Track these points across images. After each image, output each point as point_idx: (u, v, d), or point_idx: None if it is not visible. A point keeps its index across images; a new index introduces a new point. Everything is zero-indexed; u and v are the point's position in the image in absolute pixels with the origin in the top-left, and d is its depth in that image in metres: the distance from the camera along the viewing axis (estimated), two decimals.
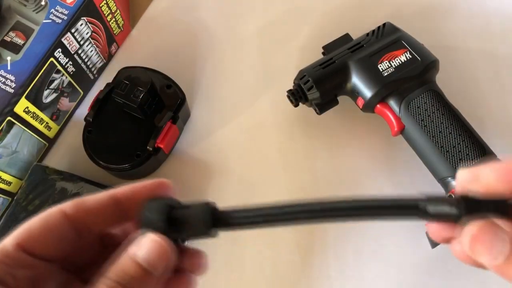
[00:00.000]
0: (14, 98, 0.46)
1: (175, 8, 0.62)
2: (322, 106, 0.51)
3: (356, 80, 0.49)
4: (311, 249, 0.49)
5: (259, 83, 0.57)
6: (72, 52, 0.52)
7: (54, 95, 0.51)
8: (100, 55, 0.57)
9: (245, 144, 0.54)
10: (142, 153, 0.49)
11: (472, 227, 0.22)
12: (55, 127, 0.54)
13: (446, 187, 0.46)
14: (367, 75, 0.48)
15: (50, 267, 0.24)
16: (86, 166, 0.51)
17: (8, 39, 0.49)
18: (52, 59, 0.49)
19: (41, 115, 0.51)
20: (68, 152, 0.55)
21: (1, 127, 0.46)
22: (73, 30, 0.50)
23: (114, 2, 0.56)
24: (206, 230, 0.24)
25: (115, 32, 0.58)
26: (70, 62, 0.52)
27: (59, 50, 0.50)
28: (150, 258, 0.23)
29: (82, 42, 0.52)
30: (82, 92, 0.56)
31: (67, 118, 0.56)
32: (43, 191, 0.49)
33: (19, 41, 0.49)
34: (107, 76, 0.58)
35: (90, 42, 0.54)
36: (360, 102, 0.49)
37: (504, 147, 0.49)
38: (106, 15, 0.55)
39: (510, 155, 0.47)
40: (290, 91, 0.52)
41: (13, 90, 0.46)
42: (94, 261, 0.26)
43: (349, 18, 0.59)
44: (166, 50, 0.59)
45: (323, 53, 0.53)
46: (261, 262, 0.49)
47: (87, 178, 0.50)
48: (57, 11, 0.50)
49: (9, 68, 0.47)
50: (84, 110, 0.55)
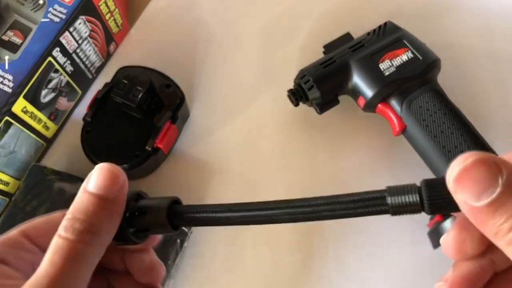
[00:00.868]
0: (12, 98, 0.46)
1: (174, 7, 0.62)
2: (323, 106, 0.51)
3: (357, 80, 0.49)
4: (311, 249, 0.49)
5: (259, 82, 0.57)
6: (70, 51, 0.51)
7: (52, 94, 0.51)
8: (99, 54, 0.56)
9: (245, 144, 0.54)
10: (141, 153, 0.49)
11: (467, 158, 0.18)
12: (53, 127, 0.54)
13: None
14: (368, 74, 0.48)
15: None
16: (85, 166, 0.50)
17: (6, 38, 0.48)
18: (50, 58, 0.49)
19: (39, 114, 0.50)
20: (67, 152, 0.54)
21: None
22: (71, 29, 0.50)
23: (113, 1, 0.55)
24: (162, 221, 0.24)
25: (113, 31, 0.57)
26: (68, 62, 0.52)
27: (57, 49, 0.49)
28: (100, 183, 0.22)
29: (80, 41, 0.52)
30: (81, 92, 0.56)
31: (66, 118, 0.55)
32: (41, 192, 0.48)
33: (17, 40, 0.48)
34: (106, 76, 0.58)
35: (89, 41, 0.53)
36: (361, 101, 0.49)
37: (507, 147, 0.48)
38: (104, 14, 0.54)
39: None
40: (290, 91, 0.51)
41: (11, 90, 0.46)
42: None
43: (350, 17, 0.59)
44: (165, 50, 0.59)
45: (324, 52, 0.53)
46: (261, 262, 0.49)
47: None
48: (55, 10, 0.49)
49: (6, 67, 0.47)
50: (82, 109, 0.54)
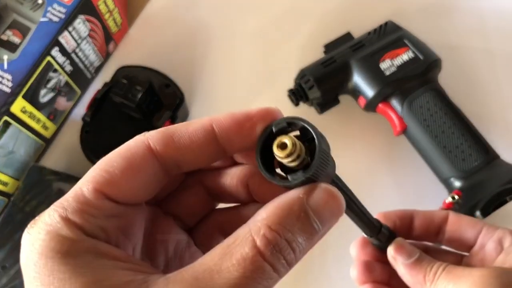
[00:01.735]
0: (11, 98, 0.46)
1: (173, 7, 0.62)
2: (323, 106, 0.51)
3: (358, 79, 0.48)
4: (311, 249, 0.49)
5: (259, 82, 0.57)
6: (70, 51, 0.51)
7: (51, 94, 0.51)
8: (98, 54, 0.56)
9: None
10: None
11: (395, 243, 0.33)
12: (52, 127, 0.53)
13: (449, 187, 0.45)
14: (368, 74, 0.48)
15: (136, 210, 0.22)
16: (84, 166, 0.50)
17: (5, 38, 0.48)
18: (49, 58, 0.48)
19: (38, 114, 0.50)
20: (65, 152, 0.54)
21: None
22: (70, 29, 0.50)
23: (112, 1, 0.55)
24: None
25: (113, 30, 0.57)
26: (68, 61, 0.51)
27: (56, 48, 0.49)
28: (331, 218, 0.19)
29: (79, 41, 0.52)
30: (80, 92, 0.56)
31: (65, 118, 0.55)
32: (40, 192, 0.48)
33: (16, 39, 0.48)
34: (105, 75, 0.57)
35: (88, 41, 0.53)
36: (362, 101, 0.49)
37: (507, 147, 0.48)
38: (103, 13, 0.54)
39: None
40: (290, 91, 0.51)
41: (9, 90, 0.46)
42: (174, 192, 0.24)
43: (350, 17, 0.59)
44: (164, 49, 0.59)
45: (324, 52, 0.53)
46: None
47: None
48: (54, 9, 0.49)
49: (5, 67, 0.46)
50: (81, 109, 0.54)
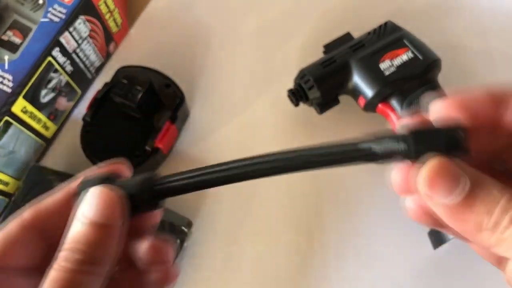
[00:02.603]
0: (12, 98, 0.46)
1: (174, 7, 0.62)
2: (323, 106, 0.51)
3: (357, 80, 0.48)
4: (311, 249, 0.49)
5: (259, 82, 0.57)
6: (70, 51, 0.51)
7: (52, 94, 0.51)
8: (98, 54, 0.56)
9: (244, 144, 0.54)
10: (140, 153, 0.49)
11: (431, 163, 0.20)
12: (52, 127, 0.53)
13: None
14: (368, 74, 0.48)
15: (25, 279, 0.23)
16: (84, 166, 0.50)
17: (6, 38, 0.48)
18: (49, 58, 0.49)
19: (38, 114, 0.50)
20: (66, 152, 0.54)
21: None
22: (71, 29, 0.50)
23: (113, 1, 0.55)
24: (141, 192, 0.23)
25: (113, 31, 0.57)
26: (68, 61, 0.51)
27: (57, 49, 0.49)
28: (100, 211, 0.20)
29: (80, 41, 0.52)
30: (80, 92, 0.56)
31: (65, 118, 0.55)
32: (40, 192, 0.47)
33: (17, 40, 0.48)
34: (105, 76, 0.57)
35: (88, 41, 0.53)
36: (362, 101, 0.49)
37: None
38: (104, 13, 0.54)
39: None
40: (290, 91, 0.51)
41: (10, 90, 0.46)
42: None
43: (350, 17, 0.59)
44: (165, 49, 0.59)
45: (324, 52, 0.53)
46: (261, 262, 0.49)
47: None
48: (54, 9, 0.49)
49: (6, 67, 0.47)
50: (82, 109, 0.54)
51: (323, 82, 0.49)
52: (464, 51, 0.56)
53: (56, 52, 0.49)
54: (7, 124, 0.46)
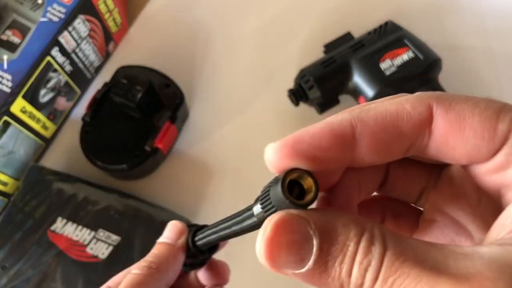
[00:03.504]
0: (11, 98, 0.46)
1: (173, 6, 0.62)
2: (323, 106, 0.51)
3: (358, 79, 0.48)
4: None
5: (259, 82, 0.57)
6: (69, 51, 0.51)
7: (51, 94, 0.51)
8: (98, 54, 0.56)
9: (244, 144, 0.54)
10: (140, 153, 0.49)
11: (265, 232, 0.16)
12: (52, 127, 0.53)
13: None
14: (369, 74, 0.48)
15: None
16: (84, 166, 0.50)
17: (5, 38, 0.48)
18: (49, 58, 0.48)
19: (38, 114, 0.50)
20: (65, 152, 0.54)
21: None
22: (70, 29, 0.50)
23: (112, 0, 0.55)
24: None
25: (113, 30, 0.57)
26: (67, 61, 0.51)
27: (56, 48, 0.49)
28: (168, 234, 0.29)
29: (79, 41, 0.52)
30: (80, 92, 0.56)
31: (64, 118, 0.55)
32: (39, 192, 0.48)
33: (16, 39, 0.48)
34: (105, 75, 0.57)
35: (88, 41, 0.53)
36: (362, 101, 0.49)
37: None
38: (103, 13, 0.54)
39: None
40: (290, 91, 0.51)
41: (9, 90, 0.46)
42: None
43: (350, 17, 0.59)
44: (164, 49, 0.59)
45: (324, 51, 0.52)
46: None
47: (84, 179, 0.50)
48: (54, 9, 0.49)
49: (5, 67, 0.46)
50: (81, 109, 0.54)
51: (323, 82, 0.49)
52: (464, 51, 0.56)
53: (55, 51, 0.49)
54: (6, 124, 0.46)
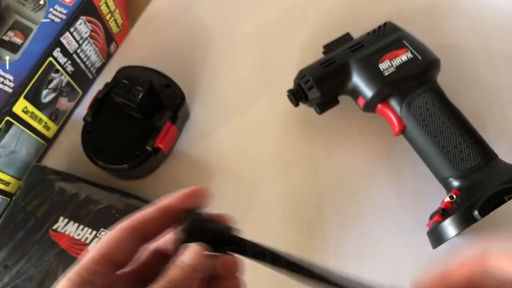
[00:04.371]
0: (13, 98, 0.46)
1: (174, 8, 0.62)
2: (323, 106, 0.51)
3: (357, 80, 0.49)
4: (311, 250, 0.49)
5: (259, 82, 0.57)
6: (71, 52, 0.51)
7: (53, 94, 0.51)
8: (99, 55, 0.56)
9: (245, 144, 0.54)
10: (141, 153, 0.49)
11: None
12: (53, 127, 0.54)
13: (447, 187, 0.46)
14: (368, 74, 0.48)
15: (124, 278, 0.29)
16: (85, 166, 0.50)
17: (7, 39, 0.48)
18: (50, 58, 0.49)
19: (39, 115, 0.50)
20: (67, 152, 0.54)
21: None
22: (72, 30, 0.50)
23: (113, 1, 0.55)
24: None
25: (114, 31, 0.58)
26: (69, 62, 0.52)
27: (58, 49, 0.49)
28: (193, 260, 0.29)
29: (81, 42, 0.52)
30: (81, 92, 0.56)
31: (66, 118, 0.56)
32: (41, 192, 0.48)
33: (18, 40, 0.48)
34: (106, 76, 0.58)
35: (89, 42, 0.54)
36: (361, 102, 0.49)
37: (506, 147, 0.48)
38: (105, 14, 0.55)
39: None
40: (290, 91, 0.52)
41: (11, 90, 0.46)
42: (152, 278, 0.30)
43: (349, 17, 0.59)
44: (165, 50, 0.59)
45: (324, 52, 0.53)
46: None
47: (86, 179, 0.50)
48: (55, 10, 0.49)
49: (7, 67, 0.47)
50: (83, 110, 0.54)
51: (322, 83, 0.49)
52: (463, 51, 0.56)
53: (57, 52, 0.49)
54: (8, 124, 0.47)
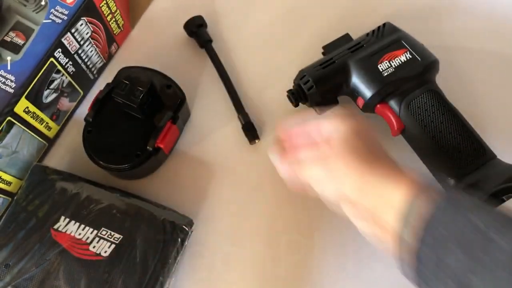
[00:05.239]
0: (14, 98, 0.46)
1: (174, 8, 0.62)
2: (322, 106, 0.51)
3: (356, 80, 0.49)
4: (311, 250, 0.49)
5: (259, 83, 0.57)
6: (72, 52, 0.52)
7: (54, 95, 0.51)
8: (100, 55, 0.57)
9: (245, 144, 0.54)
10: (142, 153, 0.49)
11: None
12: (55, 127, 0.54)
13: (447, 186, 0.46)
14: (367, 75, 0.48)
15: None
16: (86, 166, 0.51)
17: (8, 39, 0.49)
18: (52, 59, 0.49)
19: (41, 115, 0.51)
20: (68, 152, 0.55)
21: (1, 127, 0.46)
22: (73, 30, 0.50)
23: (114, 2, 0.56)
24: None
25: (115, 32, 0.58)
26: (70, 62, 0.52)
27: (59, 50, 0.50)
28: None
29: (82, 42, 0.52)
30: (82, 92, 0.56)
31: (67, 118, 0.56)
32: (43, 191, 0.49)
33: (19, 41, 0.49)
34: (107, 76, 0.58)
35: (90, 42, 0.54)
36: (360, 102, 0.49)
37: (504, 147, 0.49)
38: (106, 15, 0.55)
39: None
40: (290, 91, 0.52)
41: (13, 90, 0.46)
42: None
43: (349, 18, 0.59)
44: (166, 50, 0.59)
45: (323, 53, 0.53)
46: (261, 262, 0.49)
47: (87, 178, 0.50)
48: (57, 11, 0.50)
49: (9, 68, 0.47)
50: (84, 110, 0.55)
51: (322, 83, 0.49)
52: (461, 52, 0.57)
53: (58, 53, 0.50)
54: (10, 124, 0.47)
